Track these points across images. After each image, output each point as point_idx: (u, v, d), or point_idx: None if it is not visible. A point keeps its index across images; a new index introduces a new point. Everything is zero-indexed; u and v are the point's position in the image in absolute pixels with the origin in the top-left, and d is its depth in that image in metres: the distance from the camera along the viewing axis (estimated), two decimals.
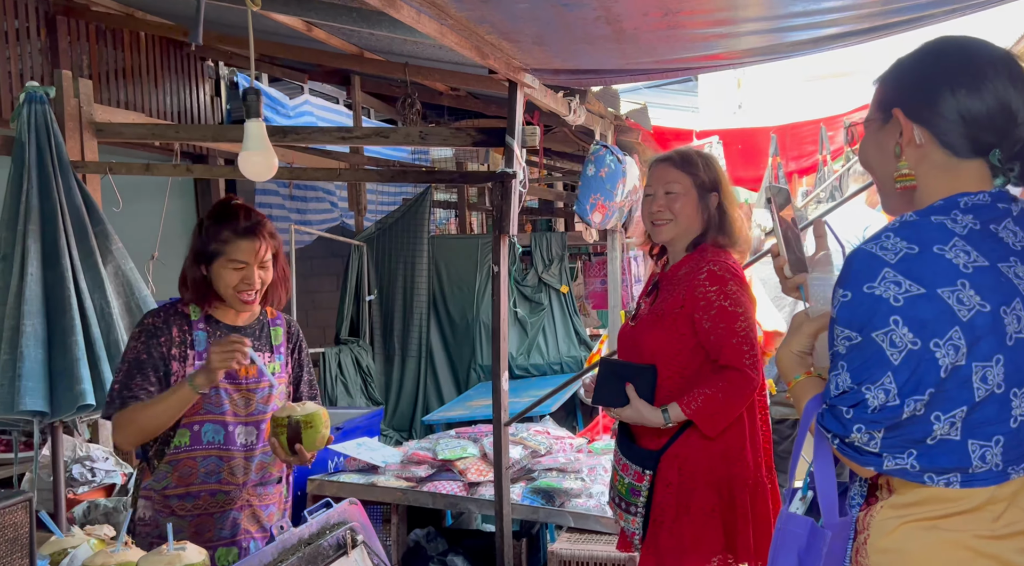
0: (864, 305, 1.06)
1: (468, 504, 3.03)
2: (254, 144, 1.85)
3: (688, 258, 2.05)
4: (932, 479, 1.07)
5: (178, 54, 4.59)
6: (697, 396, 1.92)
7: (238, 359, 1.83)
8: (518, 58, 2.52)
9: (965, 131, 1.10)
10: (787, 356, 1.25)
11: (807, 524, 1.19)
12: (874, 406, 1.05)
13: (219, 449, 1.95)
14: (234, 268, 1.94)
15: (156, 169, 2.98)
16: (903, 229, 1.09)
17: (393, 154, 6.10)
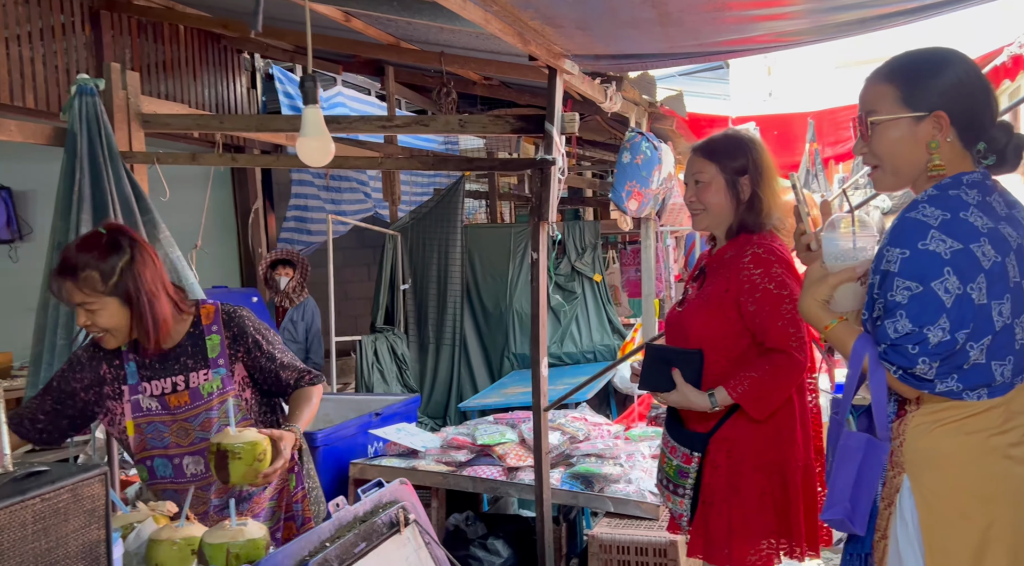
0: (922, 259, 1.34)
1: (508, 489, 3.06)
2: (312, 130, 1.87)
3: (732, 243, 2.05)
4: (968, 395, 1.37)
5: (215, 47, 4.66)
6: (744, 379, 1.92)
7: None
8: (559, 44, 2.52)
9: (975, 132, 1.43)
10: (812, 305, 1.50)
11: (863, 439, 1.45)
12: (934, 342, 1.33)
13: (171, 482, 1.91)
14: (74, 309, 1.80)
15: (201, 159, 3.03)
16: (932, 201, 1.39)
17: (425, 144, 6.14)
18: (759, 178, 2.02)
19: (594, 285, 5.37)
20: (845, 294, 1.49)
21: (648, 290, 5.00)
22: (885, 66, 1.49)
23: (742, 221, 2.03)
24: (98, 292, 1.78)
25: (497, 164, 4.13)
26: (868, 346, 1.43)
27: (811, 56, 6.93)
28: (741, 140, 2.08)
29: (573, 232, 5.38)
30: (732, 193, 2.03)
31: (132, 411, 1.88)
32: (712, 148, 2.07)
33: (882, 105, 1.45)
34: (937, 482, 1.39)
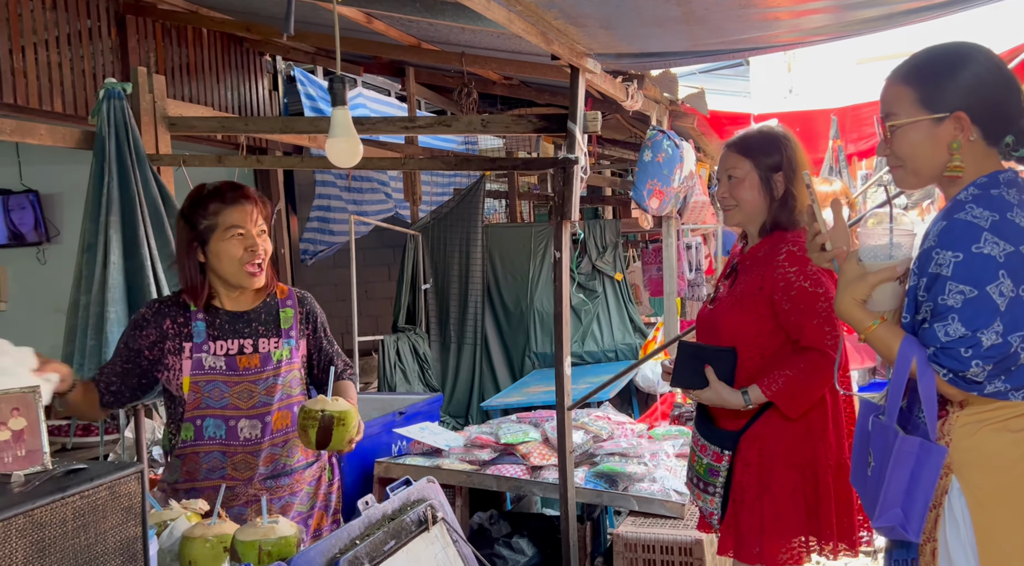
0: (977, 263, 1.32)
1: (532, 487, 3.06)
2: (340, 131, 1.89)
3: (766, 240, 2.03)
4: (1014, 395, 1.36)
5: (238, 49, 4.70)
6: (778, 378, 1.90)
7: None
8: (583, 43, 2.52)
9: (1001, 127, 1.40)
10: (851, 304, 1.48)
11: (917, 443, 1.42)
12: (987, 345, 1.32)
13: (221, 444, 1.91)
14: (233, 236, 1.87)
15: (227, 161, 3.06)
16: (979, 201, 1.37)
17: (444, 144, 6.16)
18: (793, 175, 2.00)
19: (615, 284, 5.36)
20: (884, 293, 1.47)
21: (670, 289, 4.98)
22: (903, 66, 1.47)
23: (775, 218, 2.01)
24: (266, 219, 1.93)
25: (519, 164, 4.13)
26: (915, 348, 1.41)
27: (832, 52, 6.86)
28: (776, 136, 2.06)
29: (594, 231, 5.37)
30: (766, 190, 2.01)
31: (192, 368, 1.90)
32: (747, 144, 2.05)
33: (901, 108, 1.44)
34: (988, 482, 1.39)
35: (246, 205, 1.89)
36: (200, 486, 1.93)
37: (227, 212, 1.88)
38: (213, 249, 1.89)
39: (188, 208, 1.93)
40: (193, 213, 1.91)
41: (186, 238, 1.92)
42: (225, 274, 1.91)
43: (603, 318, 5.27)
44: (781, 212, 2.01)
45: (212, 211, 1.88)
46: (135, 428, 2.77)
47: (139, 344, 1.93)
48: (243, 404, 1.93)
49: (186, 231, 1.92)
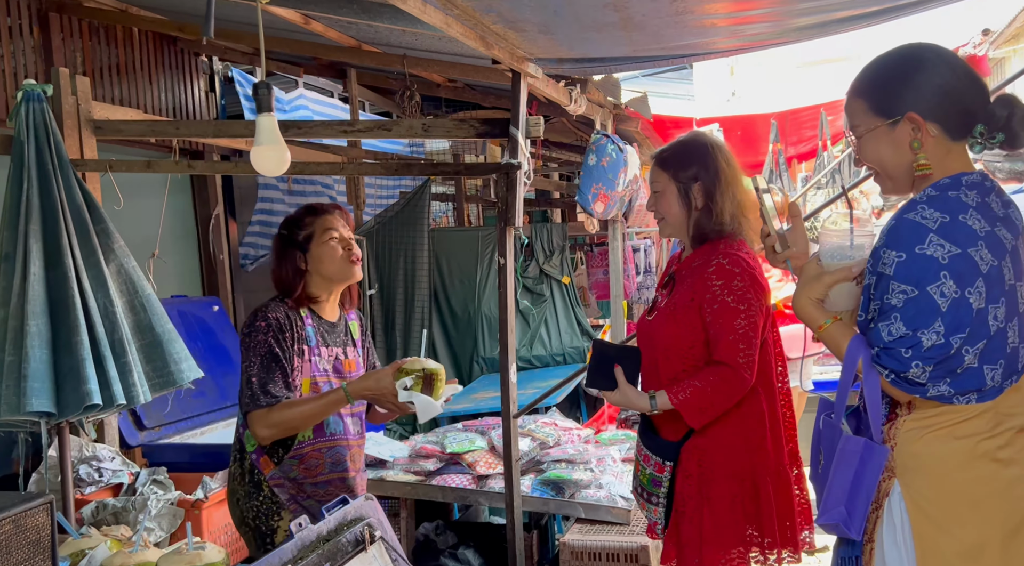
0: (919, 263, 1.32)
1: (478, 497, 3.02)
2: (266, 138, 1.82)
3: (699, 251, 2.02)
4: (958, 400, 1.36)
5: (171, 49, 4.54)
6: (687, 387, 1.91)
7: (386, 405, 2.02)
8: (523, 47, 2.49)
9: (962, 117, 1.39)
10: (807, 303, 1.49)
11: (861, 443, 1.43)
12: (927, 346, 1.32)
13: (340, 439, 2.10)
14: (331, 239, 2.07)
15: (157, 166, 2.94)
16: (932, 202, 1.37)
17: (389, 147, 6.06)
18: (714, 185, 1.98)
19: (563, 287, 5.35)
20: (840, 293, 1.48)
21: (616, 292, 5.00)
22: (855, 79, 1.49)
23: (699, 229, 2.00)
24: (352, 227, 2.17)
25: (462, 169, 4.08)
26: (862, 348, 1.42)
27: (773, 56, 7.01)
28: (696, 146, 2.03)
29: (541, 234, 5.35)
30: (685, 202, 2.00)
31: (311, 370, 2.06)
32: (664, 157, 2.05)
33: (859, 119, 1.46)
34: (929, 487, 1.39)
35: (335, 212, 2.14)
36: (323, 480, 2.07)
37: (320, 219, 2.11)
38: (315, 254, 2.08)
39: (284, 228, 2.16)
40: (291, 230, 2.13)
41: (285, 250, 2.12)
42: (330, 273, 2.09)
43: (551, 322, 5.26)
44: (704, 222, 1.99)
45: (307, 222, 2.11)
46: (59, 446, 2.64)
47: (285, 345, 2.02)
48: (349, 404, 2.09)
49: (284, 244, 2.13)
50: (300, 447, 2.04)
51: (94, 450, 3.00)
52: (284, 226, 2.16)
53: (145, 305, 2.90)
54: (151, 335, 2.92)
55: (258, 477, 2.05)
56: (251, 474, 2.06)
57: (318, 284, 2.12)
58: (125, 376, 2.71)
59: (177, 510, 2.77)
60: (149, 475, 2.99)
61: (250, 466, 2.07)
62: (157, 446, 3.32)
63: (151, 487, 2.92)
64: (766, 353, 2.01)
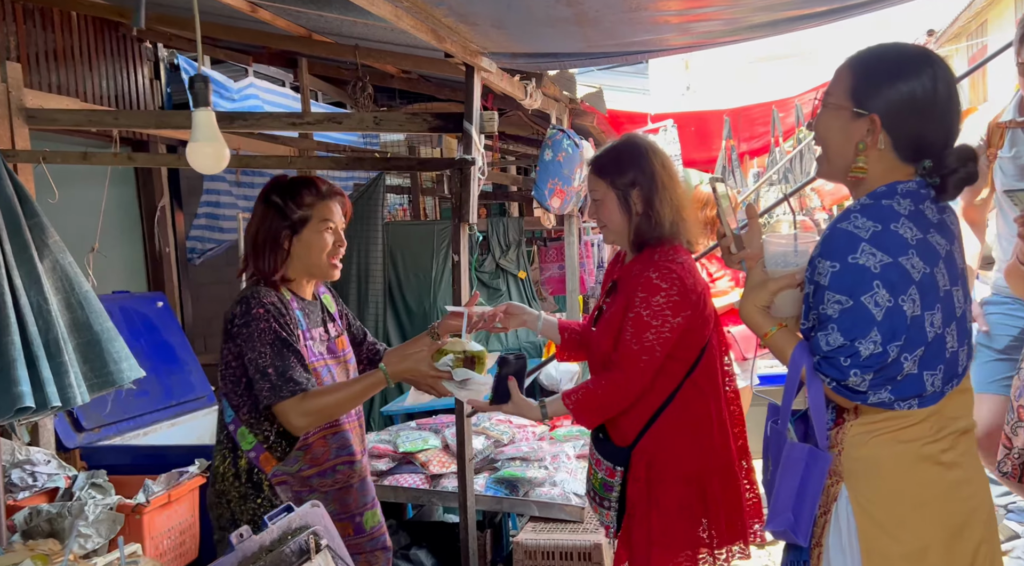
0: (851, 273, 1.32)
1: (431, 497, 2.99)
2: (203, 134, 1.74)
3: (638, 259, 2.00)
4: (899, 405, 1.37)
5: (113, 35, 4.36)
6: (579, 390, 1.92)
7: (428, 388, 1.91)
8: (476, 42, 2.45)
9: (919, 148, 1.38)
10: (752, 310, 1.49)
11: (805, 450, 1.45)
12: (865, 355, 1.32)
13: (344, 423, 2.00)
14: (326, 230, 1.91)
15: (94, 158, 2.82)
16: (865, 211, 1.37)
17: (343, 138, 5.94)
18: (652, 190, 1.96)
19: (519, 282, 5.33)
20: (785, 300, 1.48)
21: (572, 286, 4.99)
22: (861, 51, 1.45)
23: (640, 234, 1.97)
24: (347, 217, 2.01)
25: (415, 163, 4.02)
26: (806, 356, 1.42)
27: (727, 51, 7.07)
28: (631, 151, 2.00)
29: (497, 229, 5.32)
30: (625, 208, 1.97)
31: (308, 356, 1.93)
32: (601, 164, 2.01)
33: (837, 89, 1.43)
34: (875, 491, 1.40)
35: (337, 200, 1.95)
36: (329, 466, 1.97)
37: (322, 205, 1.92)
38: (305, 239, 1.92)
39: (278, 196, 1.92)
40: (285, 202, 1.91)
41: (274, 225, 1.91)
42: (311, 265, 1.94)
43: None
44: (644, 228, 1.96)
45: (308, 203, 1.91)
46: None
47: (290, 329, 1.89)
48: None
49: (275, 218, 1.91)
50: (306, 437, 1.92)
51: (28, 453, 2.87)
52: (278, 192, 1.92)
53: (82, 302, 2.78)
54: (88, 334, 2.80)
55: (258, 476, 1.92)
56: (249, 474, 1.93)
57: (296, 269, 1.96)
58: (60, 377, 2.60)
59: (116, 515, 2.66)
60: (87, 479, 2.87)
61: (248, 465, 1.93)
62: (96, 448, 3.20)
63: (89, 491, 2.81)
64: (711, 355, 2.01)
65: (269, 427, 1.92)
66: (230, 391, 1.93)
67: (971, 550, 1.41)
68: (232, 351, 1.91)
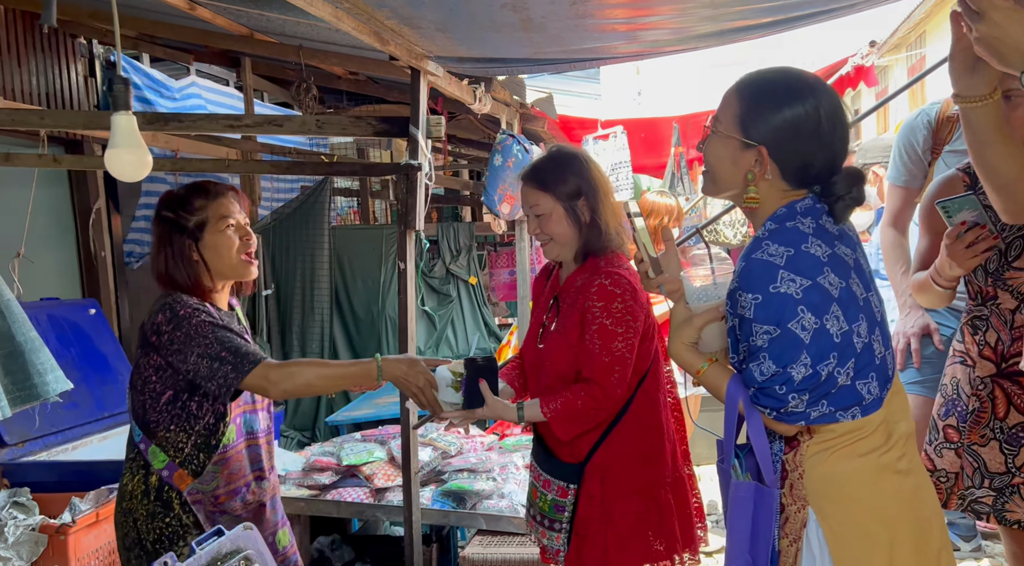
0: (775, 302, 1.32)
1: (375, 511, 2.91)
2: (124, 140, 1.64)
3: (580, 270, 1.97)
4: (841, 416, 1.37)
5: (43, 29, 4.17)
6: (558, 399, 1.88)
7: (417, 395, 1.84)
8: (420, 45, 2.39)
9: (803, 178, 1.39)
10: (681, 348, 1.48)
11: (751, 488, 1.43)
12: (798, 379, 1.33)
13: (256, 437, 1.97)
14: (227, 227, 1.86)
15: (17, 160, 2.67)
16: (774, 236, 1.37)
17: (288, 139, 5.80)
18: (595, 198, 1.94)
19: (469, 288, 5.27)
20: (712, 333, 1.47)
21: (523, 293, 4.96)
22: (747, 77, 1.44)
23: (587, 245, 1.94)
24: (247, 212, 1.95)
25: (359, 169, 3.93)
26: (741, 390, 1.41)
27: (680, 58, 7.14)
28: (570, 161, 1.97)
29: (448, 234, 5.26)
30: (573, 219, 1.94)
31: None
32: (541, 177, 1.96)
33: (724, 117, 1.41)
34: (841, 509, 1.38)
35: (230, 195, 1.89)
36: (242, 483, 1.92)
37: (215, 205, 1.86)
38: (209, 243, 1.86)
39: (169, 210, 1.88)
40: (178, 213, 1.86)
41: (172, 238, 1.86)
42: (224, 267, 1.88)
43: (458, 323, 5.17)
44: (592, 237, 1.94)
45: (199, 206, 1.86)
46: None
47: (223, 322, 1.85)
48: (258, 397, 1.97)
49: (174, 234, 1.87)
50: (225, 451, 1.86)
51: None
52: (167, 206, 1.88)
53: (4, 311, 2.65)
54: (10, 345, 2.66)
55: (168, 495, 1.84)
56: (159, 492, 1.84)
57: (212, 276, 1.91)
58: None
59: (40, 536, 2.53)
60: (9, 497, 2.72)
61: (158, 483, 1.85)
62: (19, 464, 3.03)
63: (10, 511, 2.66)
64: (656, 363, 2.00)
65: (186, 440, 1.85)
66: (148, 407, 1.85)
67: (934, 557, 1.41)
68: (154, 364, 1.83)
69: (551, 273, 2.11)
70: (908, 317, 2.38)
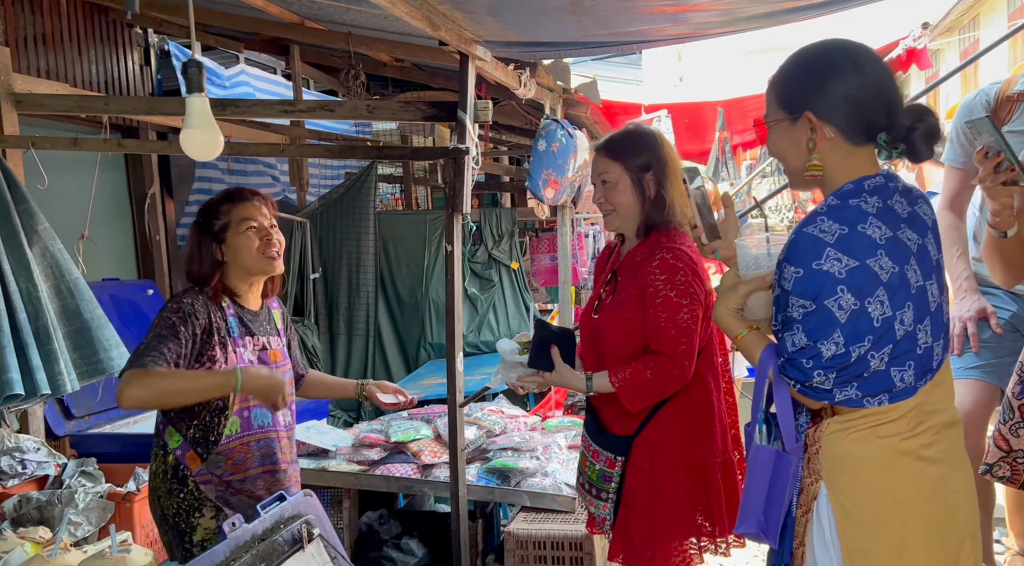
0: (815, 279, 1.33)
1: (422, 487, 2.99)
2: (198, 121, 1.72)
3: (642, 244, 2.01)
4: (869, 402, 1.37)
5: (103, 20, 4.31)
6: (626, 369, 1.92)
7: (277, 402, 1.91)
8: (470, 30, 2.43)
9: (861, 123, 1.38)
10: (724, 313, 1.51)
11: (773, 453, 1.46)
12: (827, 356, 1.33)
13: (269, 431, 2.04)
14: (248, 229, 1.98)
15: (84, 144, 2.79)
16: (832, 213, 1.36)
17: (335, 127, 5.91)
18: (663, 174, 1.98)
19: (511, 273, 5.32)
20: (757, 302, 1.49)
21: (565, 277, 4.99)
22: (776, 69, 1.48)
23: (649, 219, 1.99)
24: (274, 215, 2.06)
25: (408, 153, 4.00)
26: (772, 358, 1.43)
27: (719, 43, 7.08)
28: (643, 136, 2.03)
29: (490, 220, 5.30)
30: (639, 191, 1.98)
31: (236, 362, 1.98)
32: (615, 147, 2.02)
33: (770, 108, 1.47)
34: (852, 488, 1.40)
35: (254, 200, 2.02)
36: (253, 474, 2.02)
37: (237, 208, 2.00)
38: (231, 244, 1.99)
39: (201, 216, 2.04)
40: (207, 219, 2.02)
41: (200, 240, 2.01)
42: (247, 264, 2.00)
43: (499, 307, 5.22)
44: (654, 212, 1.98)
45: (223, 210, 2.00)
46: None
47: (195, 332, 1.92)
48: None
49: (201, 233, 2.02)
50: (227, 442, 1.97)
51: (17, 441, 2.85)
52: (200, 213, 2.05)
53: (72, 290, 2.77)
54: (79, 321, 2.79)
55: (183, 473, 1.97)
56: (175, 470, 1.98)
57: (237, 275, 2.04)
58: (50, 364, 2.58)
59: (107, 503, 2.65)
60: (77, 466, 2.86)
61: (174, 462, 1.98)
62: (86, 436, 3.18)
63: (79, 479, 2.80)
64: (710, 343, 2.02)
65: (188, 425, 1.97)
66: None
67: (955, 547, 1.41)
68: None
69: (614, 250, 2.15)
70: (964, 301, 2.35)
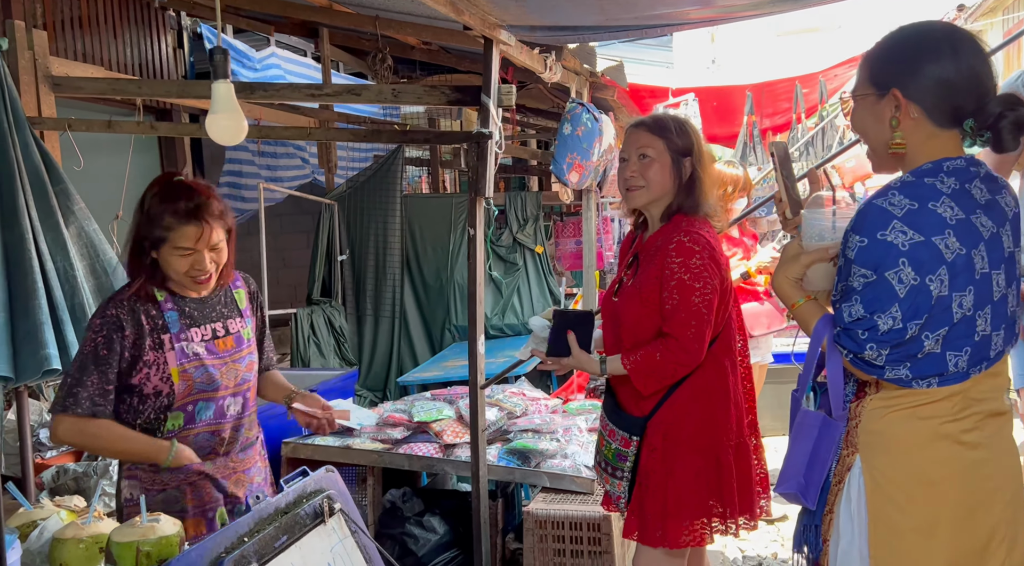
0: (879, 249, 1.34)
1: (445, 466, 3.04)
2: (222, 106, 1.76)
3: (664, 229, 2.03)
4: (917, 384, 1.38)
5: (137, 3, 4.39)
6: (638, 352, 1.95)
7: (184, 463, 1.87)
8: (494, 14, 2.44)
9: (949, 107, 1.38)
10: (784, 282, 1.53)
11: (819, 418, 1.49)
12: (883, 329, 1.34)
13: (211, 424, 1.96)
14: (181, 255, 1.86)
15: (118, 126, 2.86)
16: (904, 188, 1.37)
17: (363, 110, 5.96)
18: (699, 164, 2.01)
19: (536, 256, 5.34)
20: (817, 273, 1.51)
21: (589, 262, 5.00)
22: (871, 46, 1.48)
23: (679, 202, 2.01)
24: (226, 229, 1.92)
25: (432, 137, 4.02)
26: (828, 327, 1.46)
27: (753, 25, 6.96)
28: (686, 123, 2.08)
29: (515, 203, 5.32)
30: (675, 172, 2.00)
31: (178, 358, 1.90)
32: (661, 124, 2.04)
33: (859, 82, 1.48)
34: (887, 464, 1.43)
35: (199, 226, 1.85)
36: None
37: (179, 231, 1.85)
38: (163, 256, 1.89)
39: (149, 204, 1.89)
40: (150, 214, 1.88)
41: (138, 235, 1.90)
42: (173, 277, 1.92)
43: (523, 291, 5.26)
44: (685, 196, 2.01)
45: (166, 225, 1.85)
46: (17, 410, 2.60)
47: (124, 344, 1.85)
48: (230, 383, 1.98)
49: (141, 226, 1.90)
50: (169, 436, 1.91)
51: None
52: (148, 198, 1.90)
53: (107, 269, 2.84)
54: None
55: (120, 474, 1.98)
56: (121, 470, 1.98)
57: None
58: None
59: None
60: None
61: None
62: None
63: None
64: (728, 329, 2.03)
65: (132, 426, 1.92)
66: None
67: (986, 531, 1.41)
68: None
69: (637, 235, 2.17)
70: None
